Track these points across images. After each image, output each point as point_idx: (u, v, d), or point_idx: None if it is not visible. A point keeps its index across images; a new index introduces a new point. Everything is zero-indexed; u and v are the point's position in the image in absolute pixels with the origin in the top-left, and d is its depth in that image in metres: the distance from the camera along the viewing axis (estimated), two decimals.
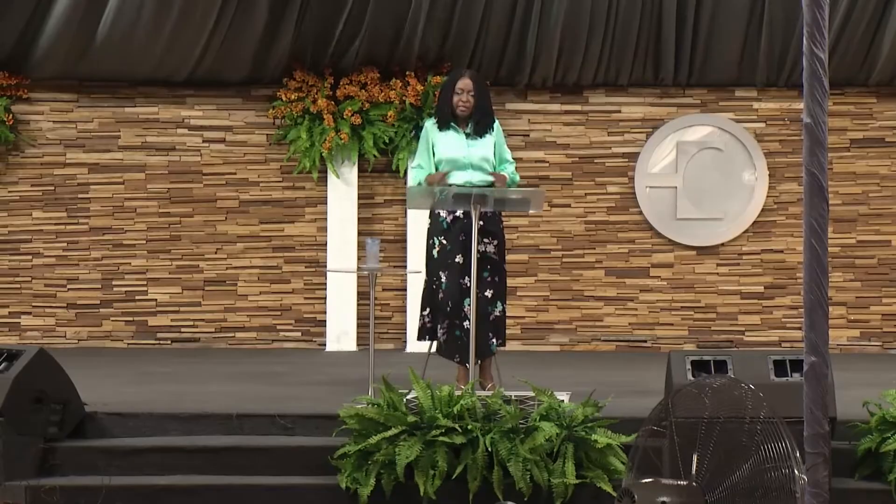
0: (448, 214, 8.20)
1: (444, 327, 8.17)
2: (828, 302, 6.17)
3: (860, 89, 11.84)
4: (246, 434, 7.49)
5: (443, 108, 8.33)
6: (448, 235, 8.20)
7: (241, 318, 11.91)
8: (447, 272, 8.16)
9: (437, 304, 8.21)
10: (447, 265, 8.17)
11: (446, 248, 8.19)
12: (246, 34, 11.28)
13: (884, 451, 6.99)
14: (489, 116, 8.39)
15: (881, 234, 11.85)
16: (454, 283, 8.16)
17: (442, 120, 8.30)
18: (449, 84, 8.40)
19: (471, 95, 8.26)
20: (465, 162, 8.24)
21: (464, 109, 8.27)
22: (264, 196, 11.92)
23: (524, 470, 6.85)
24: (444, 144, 8.26)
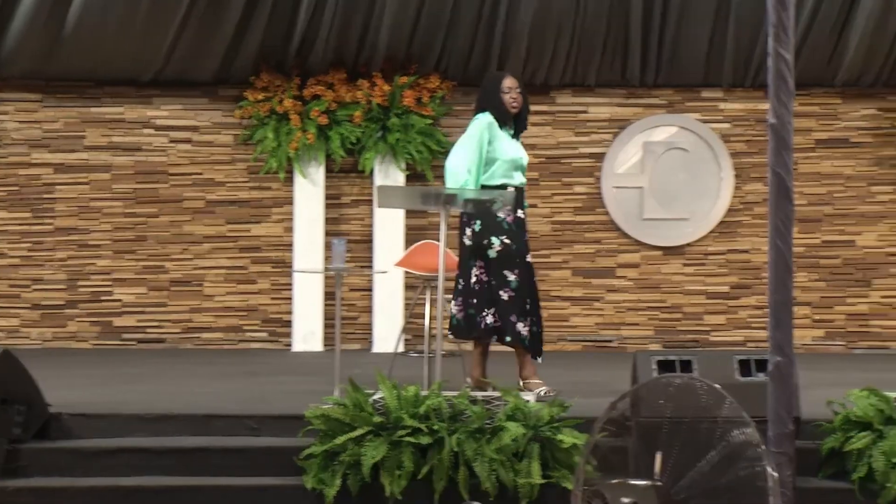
0: (507, 214, 8.19)
1: (527, 324, 8.17)
2: (792, 302, 6.20)
3: (826, 90, 11.90)
4: (212, 435, 7.46)
5: (499, 107, 8.28)
6: (511, 235, 8.16)
7: (207, 318, 11.88)
8: (517, 271, 8.15)
9: (505, 304, 8.17)
10: (515, 264, 8.15)
11: (511, 247, 8.14)
12: (213, 34, 11.26)
13: (848, 451, 7.02)
14: (529, 114, 8.44)
15: (846, 234, 11.91)
16: (527, 281, 8.20)
17: (500, 118, 8.25)
18: (495, 84, 8.33)
19: (518, 93, 8.28)
20: (521, 163, 8.27)
21: (516, 107, 8.28)
22: (231, 196, 11.90)
23: (490, 470, 6.86)
24: (503, 144, 8.21)
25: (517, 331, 8.12)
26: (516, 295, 8.12)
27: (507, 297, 8.11)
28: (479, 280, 8.20)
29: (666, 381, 5.80)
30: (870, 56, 11.51)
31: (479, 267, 8.19)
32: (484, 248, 8.14)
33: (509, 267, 8.12)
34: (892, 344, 11.87)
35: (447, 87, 11.73)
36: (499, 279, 8.13)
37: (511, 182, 8.20)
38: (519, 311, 8.13)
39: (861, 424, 7.06)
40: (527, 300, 8.16)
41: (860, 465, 6.96)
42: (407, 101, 11.52)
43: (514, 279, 8.12)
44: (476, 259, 8.18)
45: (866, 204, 11.91)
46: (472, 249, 8.19)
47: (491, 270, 8.15)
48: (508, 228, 8.14)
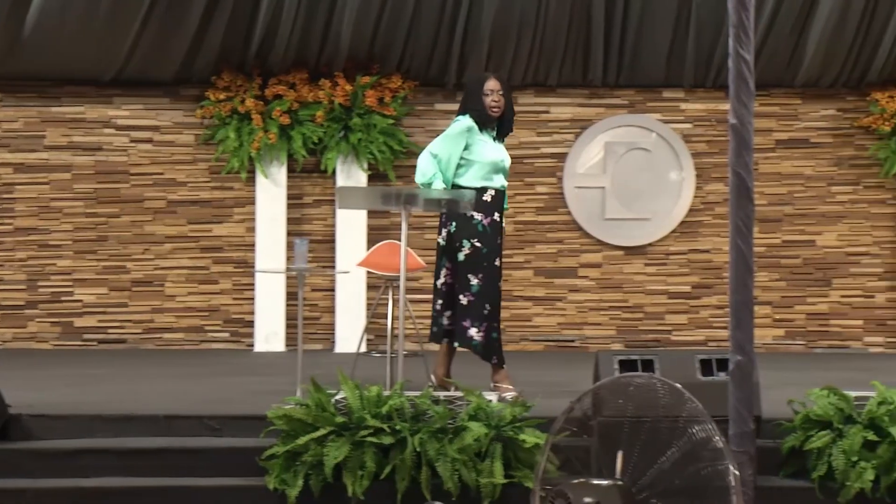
0: (484, 217, 8.16)
1: (483, 330, 8.15)
2: (753, 301, 6.24)
3: (786, 90, 11.96)
4: (174, 435, 7.44)
5: (479, 109, 8.27)
6: (483, 238, 8.15)
7: (168, 318, 11.84)
8: (481, 275, 8.13)
9: (463, 308, 8.16)
10: (481, 268, 8.13)
11: (481, 251, 8.12)
12: (174, 34, 11.21)
13: (808, 449, 7.06)
14: (513, 116, 8.42)
15: (806, 234, 11.97)
16: (491, 286, 8.16)
17: (480, 120, 8.24)
18: (477, 86, 8.31)
19: (500, 95, 8.25)
20: (501, 166, 8.25)
21: (497, 110, 8.24)
22: (192, 196, 11.86)
23: (452, 470, 6.86)
24: (483, 147, 8.19)
25: (468, 336, 8.13)
26: (475, 300, 8.12)
27: (466, 302, 8.12)
28: (445, 282, 8.22)
29: (626, 380, 5.82)
30: (829, 57, 11.57)
31: (448, 268, 8.20)
32: (455, 250, 8.15)
33: (474, 271, 8.12)
34: (852, 343, 11.95)
35: (409, 87, 11.73)
36: (461, 283, 8.13)
37: (491, 185, 8.20)
38: (474, 317, 8.13)
39: (821, 423, 7.10)
40: (486, 305, 8.15)
41: (820, 463, 7.00)
42: (369, 101, 11.51)
43: (476, 283, 8.12)
44: (446, 260, 8.20)
45: (826, 204, 11.98)
46: (444, 250, 8.21)
47: (456, 273, 8.16)
48: (482, 231, 8.14)
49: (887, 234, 11.96)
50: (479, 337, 8.11)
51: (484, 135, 8.21)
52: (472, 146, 8.15)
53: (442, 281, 8.22)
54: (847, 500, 6.93)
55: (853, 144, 11.97)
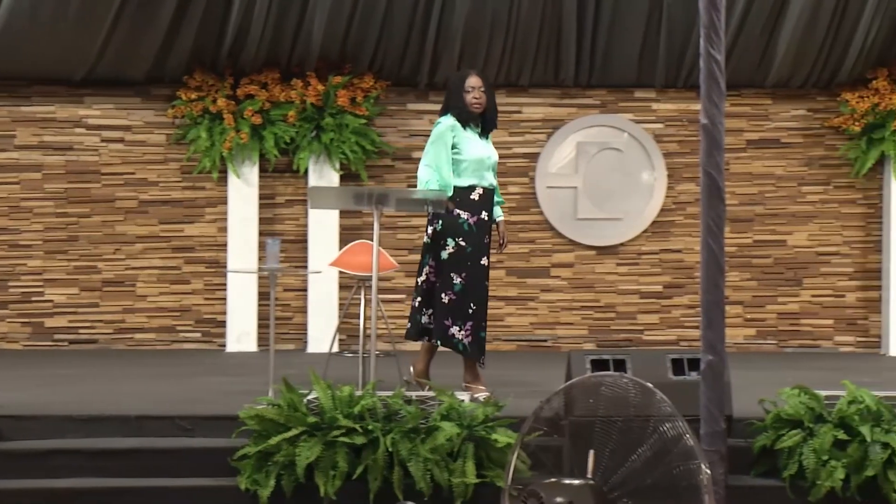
0: (470, 216, 8.17)
1: (468, 329, 8.15)
2: (724, 301, 6.25)
3: (756, 91, 12.00)
4: (145, 436, 7.42)
5: (460, 107, 8.27)
6: (469, 237, 8.15)
7: (140, 319, 11.80)
8: (464, 274, 8.13)
9: (443, 307, 8.16)
10: (465, 267, 8.13)
11: (465, 249, 8.13)
12: (145, 33, 11.18)
13: (779, 449, 7.10)
14: (496, 114, 8.43)
15: (777, 233, 12.02)
16: (476, 285, 8.17)
17: (462, 118, 8.24)
18: (458, 83, 8.33)
19: (482, 92, 8.27)
20: (489, 163, 8.27)
21: (478, 107, 8.26)
22: (164, 196, 11.83)
23: (425, 470, 6.87)
24: (468, 144, 8.21)
25: (449, 335, 8.13)
26: (458, 298, 8.12)
27: (447, 300, 8.12)
28: (427, 279, 8.23)
29: (597, 380, 5.83)
30: (799, 58, 11.62)
31: (431, 266, 8.21)
32: (439, 248, 8.16)
33: (457, 270, 8.13)
34: (823, 343, 11.99)
35: (381, 87, 11.72)
36: (444, 281, 8.14)
37: (479, 183, 8.23)
38: (456, 316, 8.13)
39: (792, 422, 7.14)
40: (471, 304, 8.15)
41: (791, 462, 7.04)
42: (341, 100, 11.50)
43: (458, 282, 8.13)
44: (430, 258, 8.21)
45: (797, 204, 12.02)
46: (429, 248, 8.23)
47: (439, 271, 8.17)
48: (468, 230, 8.15)
49: (857, 234, 12.01)
50: (463, 336, 8.12)
51: (468, 132, 8.23)
52: (459, 144, 8.18)
53: (423, 278, 8.23)
54: (817, 499, 6.97)
55: (823, 145, 12.01)
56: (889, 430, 7.00)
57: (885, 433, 6.98)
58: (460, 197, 8.15)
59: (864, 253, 12.01)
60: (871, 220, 11.98)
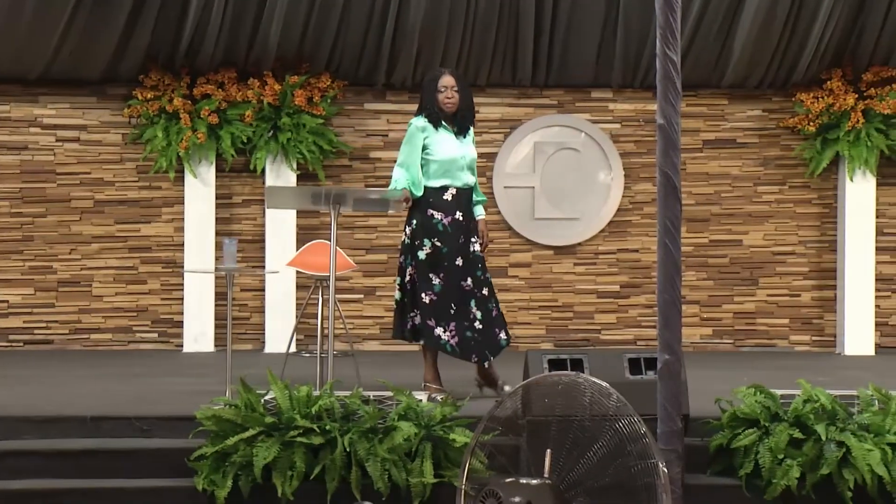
0: (444, 216, 8.19)
1: (452, 330, 8.15)
2: (681, 301, 6.28)
3: (712, 91, 12.05)
4: (102, 437, 7.39)
5: (431, 108, 8.29)
6: (444, 237, 8.16)
7: (96, 319, 11.74)
8: (442, 274, 8.13)
9: (428, 307, 8.15)
10: (442, 267, 8.14)
11: (441, 249, 8.15)
12: (100, 32, 11.12)
13: (735, 447, 7.14)
14: (472, 112, 8.46)
15: (733, 233, 12.07)
16: (454, 285, 8.17)
17: (434, 119, 8.26)
18: (431, 84, 8.36)
19: (454, 91, 8.29)
20: (462, 163, 8.27)
21: (450, 106, 8.28)
22: (120, 196, 11.77)
23: (382, 470, 6.87)
24: (440, 145, 8.23)
25: (435, 336, 8.15)
26: (438, 299, 8.13)
27: (428, 301, 8.15)
28: (411, 279, 8.24)
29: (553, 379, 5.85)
30: (755, 58, 11.67)
31: (413, 267, 8.23)
32: (416, 248, 8.18)
33: (434, 270, 8.15)
34: (779, 342, 12.06)
35: (338, 86, 11.71)
36: (424, 281, 8.16)
37: (451, 183, 8.25)
38: (439, 317, 8.15)
39: (748, 421, 7.18)
40: (451, 304, 8.16)
41: (747, 461, 7.08)
42: (298, 100, 11.48)
43: (437, 283, 8.14)
44: (410, 259, 8.23)
45: (753, 204, 12.08)
46: (408, 248, 8.25)
47: (419, 272, 8.18)
48: (443, 231, 8.18)
49: (813, 234, 12.08)
50: (449, 337, 8.14)
51: (442, 132, 8.25)
52: (430, 145, 8.22)
53: (407, 279, 8.25)
54: (773, 498, 7.02)
55: (779, 145, 12.07)
56: (844, 429, 7.05)
57: (839, 432, 7.03)
58: (433, 197, 8.19)
59: (819, 252, 12.08)
60: (826, 220, 12.06)
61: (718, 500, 7.11)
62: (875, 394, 7.26)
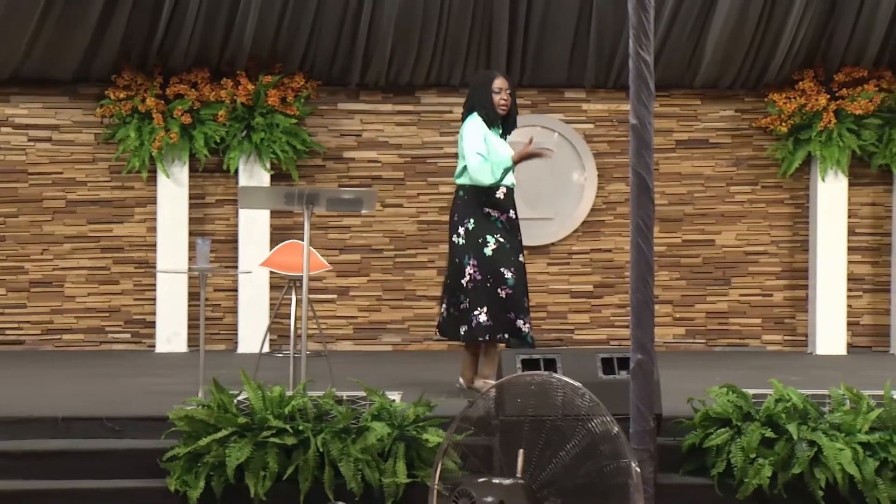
0: (500, 214, 8.30)
1: (530, 322, 8.27)
2: (654, 300, 6.30)
3: (685, 91, 12.08)
4: (74, 437, 7.37)
5: (488, 107, 8.33)
6: (504, 234, 8.23)
7: (68, 319, 11.70)
8: (513, 269, 8.19)
9: (504, 301, 8.18)
10: (511, 262, 8.20)
11: (505, 246, 8.21)
12: (73, 31, 11.09)
13: (707, 447, 7.15)
14: (517, 116, 8.55)
15: (706, 233, 12.10)
16: (523, 280, 8.29)
17: (489, 119, 8.29)
18: (485, 84, 8.39)
19: (508, 94, 8.32)
20: (509, 164, 8.32)
21: (505, 108, 8.37)
22: (92, 196, 11.73)
23: (355, 470, 6.87)
24: (495, 145, 8.33)
25: (517, 328, 8.21)
26: (513, 292, 8.20)
27: (505, 295, 8.20)
28: (472, 279, 8.25)
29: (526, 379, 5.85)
30: (727, 59, 11.71)
31: (473, 266, 8.24)
32: (479, 246, 8.21)
33: (506, 265, 8.22)
34: (751, 341, 12.09)
35: (312, 86, 11.70)
36: (496, 278, 8.20)
37: (503, 182, 8.31)
38: (518, 309, 8.22)
39: (720, 421, 7.20)
40: (524, 298, 8.25)
41: (719, 460, 7.10)
42: (271, 100, 11.46)
43: (510, 276, 8.22)
44: (470, 258, 8.24)
45: (725, 204, 12.11)
46: (465, 248, 8.26)
47: (486, 269, 8.20)
48: (502, 227, 8.25)
49: (785, 234, 12.12)
50: (529, 329, 8.24)
51: (493, 132, 8.33)
52: (488, 144, 8.26)
53: (468, 279, 8.25)
54: (745, 497, 7.03)
55: (751, 145, 12.11)
56: (815, 429, 7.08)
57: (811, 431, 7.06)
58: (487, 196, 8.26)
59: (791, 252, 12.12)
60: (798, 220, 12.10)
61: (691, 500, 7.12)
62: (846, 393, 7.29)
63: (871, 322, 12.10)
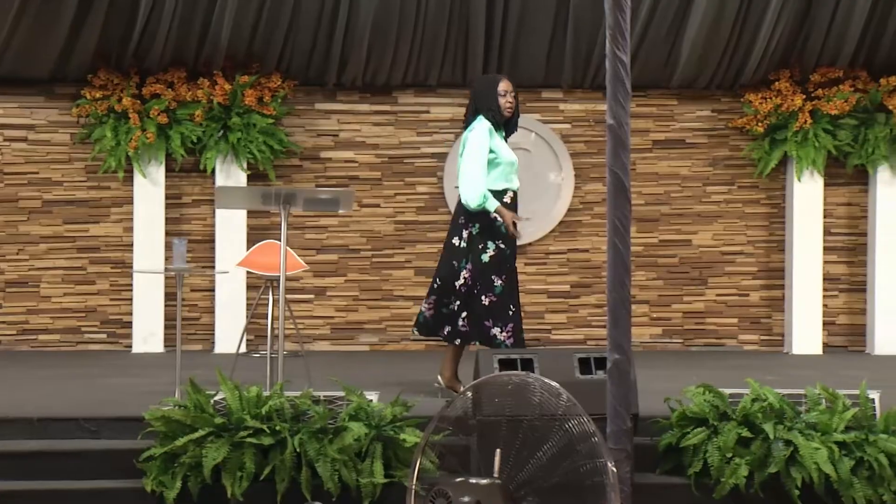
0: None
1: (510, 330, 8.23)
2: (631, 300, 6.31)
3: (662, 91, 12.10)
4: (50, 438, 7.35)
5: (494, 110, 8.31)
6: (506, 239, 8.22)
7: (44, 320, 11.67)
8: (504, 276, 8.18)
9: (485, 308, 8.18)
10: (504, 269, 8.20)
11: (505, 252, 8.22)
12: (49, 31, 11.05)
13: (684, 446, 7.17)
14: (519, 118, 8.55)
15: (682, 233, 12.12)
16: (513, 286, 8.27)
17: (497, 122, 8.29)
18: (490, 87, 8.37)
19: (513, 97, 8.31)
20: (517, 166, 8.36)
21: (511, 111, 8.33)
22: (68, 196, 11.70)
23: (332, 470, 6.86)
24: (502, 148, 8.32)
25: (491, 335, 8.19)
26: (498, 301, 8.19)
27: (488, 303, 8.20)
28: (465, 283, 8.25)
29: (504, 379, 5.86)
30: (703, 59, 11.73)
31: (468, 270, 8.24)
32: (478, 251, 8.20)
33: (497, 272, 8.22)
34: (728, 341, 12.12)
35: (289, 86, 11.68)
36: (484, 284, 8.19)
37: (510, 186, 8.34)
38: (497, 317, 8.19)
39: (697, 420, 7.22)
40: (510, 306, 8.21)
41: (696, 460, 7.12)
42: (248, 100, 11.44)
43: (499, 284, 8.21)
44: (467, 262, 8.23)
45: (702, 204, 12.14)
46: (464, 252, 8.26)
47: (479, 275, 8.20)
48: (505, 233, 8.22)
49: (761, 234, 12.16)
50: (505, 337, 8.19)
51: (499, 135, 8.32)
52: (495, 149, 8.28)
53: (462, 282, 8.25)
54: (722, 496, 7.05)
55: (728, 145, 12.14)
56: (791, 428, 7.10)
57: (787, 430, 7.08)
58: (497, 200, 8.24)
59: (767, 252, 12.16)
60: (774, 220, 12.13)
61: (667, 499, 7.14)
62: (822, 393, 7.31)
63: (847, 322, 12.14)
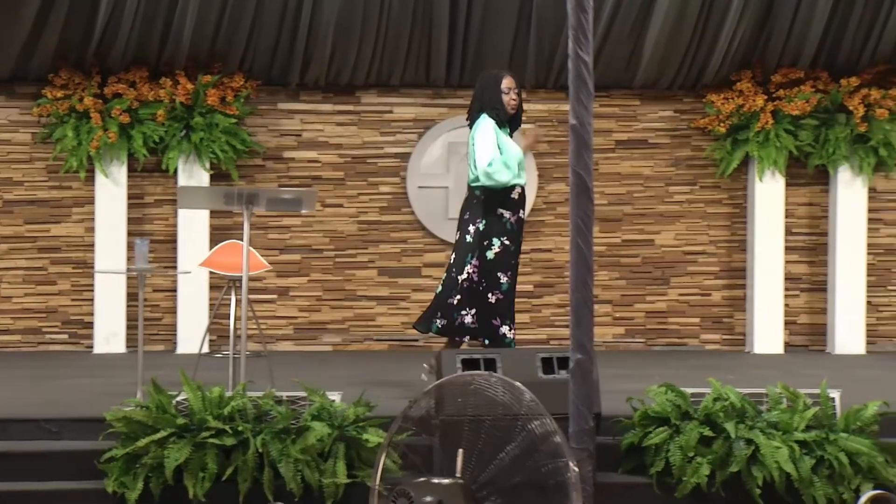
0: (511, 215, 8.27)
1: (513, 328, 8.26)
2: (593, 300, 6.32)
3: (625, 92, 12.13)
4: (9, 439, 7.30)
5: (499, 108, 8.32)
6: (511, 236, 8.22)
7: (4, 320, 11.61)
8: (509, 273, 8.17)
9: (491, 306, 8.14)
10: (509, 266, 8.19)
11: (509, 248, 8.22)
12: (9, 30, 10.99)
13: (646, 446, 7.19)
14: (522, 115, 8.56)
15: (645, 233, 12.16)
16: (516, 283, 8.30)
17: (501, 118, 8.28)
18: (494, 84, 8.37)
19: (516, 93, 8.31)
20: (524, 162, 8.33)
21: (514, 108, 8.33)
22: (29, 196, 11.64)
23: (295, 470, 6.85)
24: (508, 144, 8.33)
25: (500, 334, 8.21)
26: (504, 298, 8.21)
27: (495, 300, 8.21)
28: (469, 278, 8.24)
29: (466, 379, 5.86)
30: (666, 59, 11.77)
31: (474, 266, 8.24)
32: (484, 248, 8.21)
33: (503, 269, 8.22)
34: (690, 341, 12.16)
35: (252, 86, 11.65)
36: (491, 281, 8.19)
37: (518, 182, 8.33)
38: (504, 315, 8.21)
39: (659, 420, 7.25)
40: (513, 302, 8.24)
41: (658, 459, 7.14)
42: (211, 100, 11.41)
43: (505, 282, 8.23)
44: (473, 258, 8.23)
45: (664, 204, 12.17)
46: (470, 247, 8.27)
47: (485, 271, 8.20)
48: (510, 229, 8.25)
49: (723, 234, 12.20)
50: (513, 335, 8.22)
51: (504, 132, 8.33)
52: (501, 144, 8.26)
53: (465, 277, 8.24)
54: (684, 495, 7.08)
55: (690, 145, 12.19)
56: (753, 427, 7.13)
57: (748, 430, 7.11)
58: (503, 196, 8.23)
59: (729, 252, 12.21)
60: (735, 220, 12.18)
61: (630, 499, 7.16)
62: (783, 392, 7.35)
63: (808, 321, 12.20)
